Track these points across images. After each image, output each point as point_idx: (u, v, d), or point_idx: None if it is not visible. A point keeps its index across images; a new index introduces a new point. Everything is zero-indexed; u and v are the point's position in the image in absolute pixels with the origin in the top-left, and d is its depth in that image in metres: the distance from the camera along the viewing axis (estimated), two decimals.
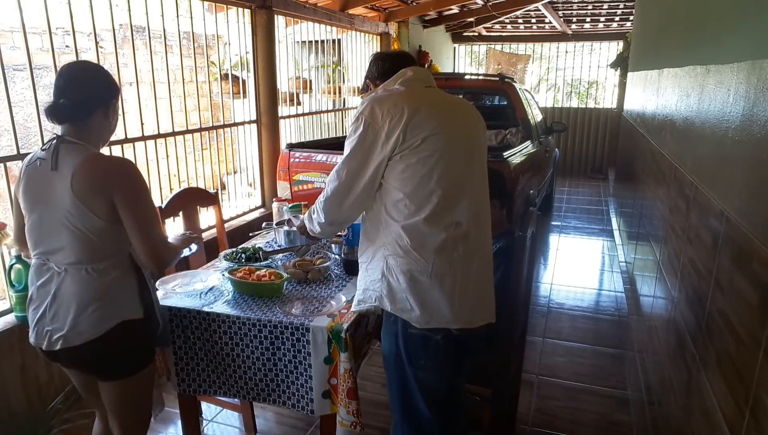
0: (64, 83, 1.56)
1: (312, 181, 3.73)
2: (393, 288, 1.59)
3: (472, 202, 1.62)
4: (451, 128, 1.60)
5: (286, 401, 1.82)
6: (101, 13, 2.95)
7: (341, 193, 1.61)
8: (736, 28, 1.61)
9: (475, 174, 1.66)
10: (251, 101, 4.54)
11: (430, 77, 1.74)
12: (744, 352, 1.18)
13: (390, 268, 1.59)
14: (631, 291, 3.60)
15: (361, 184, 1.58)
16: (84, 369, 1.70)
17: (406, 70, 1.68)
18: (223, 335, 1.82)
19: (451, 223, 1.57)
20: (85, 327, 1.55)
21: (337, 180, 1.60)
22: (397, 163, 1.55)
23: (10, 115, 2.49)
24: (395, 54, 1.83)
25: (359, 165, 1.57)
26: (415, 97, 1.59)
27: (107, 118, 1.63)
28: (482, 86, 5.35)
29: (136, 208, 1.55)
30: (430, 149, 1.54)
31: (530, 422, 2.55)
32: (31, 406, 1.89)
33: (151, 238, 1.57)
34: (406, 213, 1.56)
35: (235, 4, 4.08)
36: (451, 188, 1.57)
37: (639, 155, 3.95)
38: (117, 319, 1.58)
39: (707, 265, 1.59)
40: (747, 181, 1.32)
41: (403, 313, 1.59)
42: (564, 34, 9.46)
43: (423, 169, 1.54)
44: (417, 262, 1.55)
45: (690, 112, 2.10)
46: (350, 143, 1.59)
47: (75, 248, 1.54)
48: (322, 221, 1.69)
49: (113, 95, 1.64)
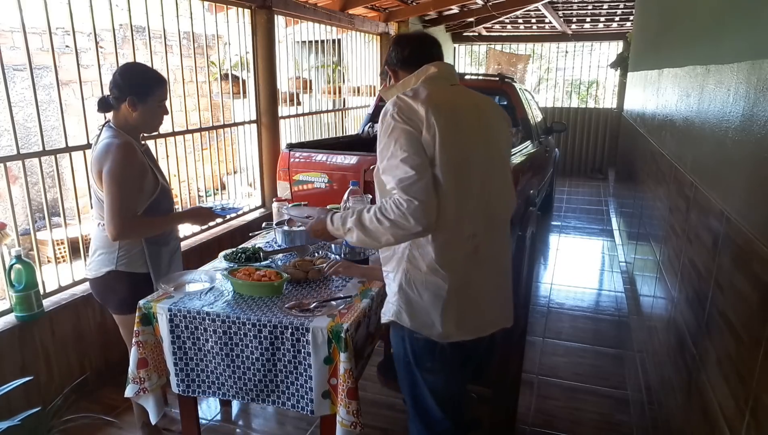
0: (110, 81, 2.01)
1: (312, 181, 3.73)
2: (413, 303, 1.54)
3: (490, 210, 1.58)
4: (474, 136, 1.55)
5: (285, 402, 1.82)
6: (101, 13, 2.95)
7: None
8: (736, 28, 1.61)
9: (497, 180, 1.61)
10: (251, 101, 4.54)
11: (454, 73, 1.67)
12: (744, 352, 1.18)
13: (411, 282, 1.54)
14: (631, 291, 3.60)
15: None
16: (96, 298, 2.21)
17: (429, 67, 1.59)
18: (222, 335, 1.82)
19: (471, 234, 1.53)
20: (92, 267, 2.10)
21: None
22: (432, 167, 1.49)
23: (10, 115, 2.49)
24: (417, 38, 1.71)
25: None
26: (438, 104, 1.49)
27: (135, 109, 1.98)
28: (482, 86, 5.34)
29: (107, 182, 1.91)
30: (452, 161, 1.48)
31: (530, 422, 2.55)
32: (31, 406, 1.89)
33: (110, 209, 1.91)
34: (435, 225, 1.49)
35: (235, 4, 4.08)
36: (473, 200, 1.53)
37: (639, 155, 3.95)
38: (110, 267, 2.04)
39: (707, 265, 1.59)
40: (747, 181, 1.32)
41: (423, 328, 1.55)
42: (564, 34, 9.45)
43: (446, 182, 1.48)
44: (444, 279, 1.51)
45: (690, 112, 2.10)
46: (385, 151, 1.49)
47: (95, 207, 2.07)
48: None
49: (134, 91, 1.96)
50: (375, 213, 1.47)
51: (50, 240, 2.85)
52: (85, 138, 2.90)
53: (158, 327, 1.90)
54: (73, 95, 4.88)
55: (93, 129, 2.97)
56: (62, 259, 3.80)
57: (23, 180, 2.61)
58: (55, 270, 2.77)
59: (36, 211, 4.62)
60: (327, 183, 3.69)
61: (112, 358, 2.88)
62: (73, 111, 4.58)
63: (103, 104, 2.02)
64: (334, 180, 3.66)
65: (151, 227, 2.08)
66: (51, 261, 2.91)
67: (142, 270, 2.09)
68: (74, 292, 2.77)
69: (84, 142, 2.89)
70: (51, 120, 4.93)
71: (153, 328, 1.91)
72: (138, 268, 2.08)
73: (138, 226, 2.02)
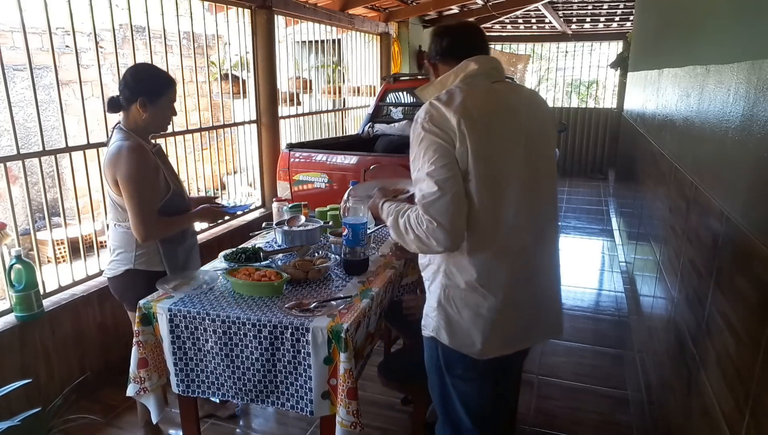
0: (120, 81, 2.02)
1: (312, 181, 3.73)
2: (452, 321, 1.47)
3: (538, 219, 1.49)
4: (513, 145, 1.43)
5: (285, 402, 1.82)
6: (101, 13, 2.95)
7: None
8: (736, 28, 1.61)
9: (542, 188, 1.51)
10: (251, 101, 4.54)
11: (497, 69, 1.51)
12: (744, 352, 1.18)
13: (450, 299, 1.47)
14: (631, 291, 3.59)
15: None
16: (114, 295, 2.23)
17: (469, 63, 1.46)
18: (222, 335, 1.81)
19: (519, 249, 1.45)
20: (111, 266, 2.15)
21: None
22: (466, 181, 1.39)
23: (10, 115, 2.49)
24: (457, 28, 1.57)
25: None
26: (472, 112, 1.38)
27: (146, 110, 1.99)
28: None
29: (126, 187, 1.94)
30: (488, 174, 1.38)
31: (530, 422, 2.55)
32: (31, 406, 1.89)
33: (134, 214, 1.96)
34: (471, 241, 1.42)
35: (235, 4, 4.08)
36: (518, 213, 1.43)
37: (639, 155, 3.95)
38: (129, 266, 2.10)
39: (707, 265, 1.58)
40: (747, 181, 1.32)
41: (462, 347, 1.48)
42: (564, 34, 9.45)
43: (482, 196, 1.39)
44: (485, 297, 1.43)
45: (690, 112, 2.10)
46: (416, 161, 1.42)
47: (109, 209, 2.11)
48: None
49: (145, 92, 1.98)
50: (407, 220, 1.43)
51: (50, 240, 2.85)
52: (85, 138, 2.90)
53: (158, 327, 1.90)
54: (73, 95, 4.88)
55: (93, 129, 2.98)
56: (62, 259, 3.80)
57: (23, 180, 2.62)
58: (55, 270, 2.77)
59: (36, 211, 4.62)
60: (327, 183, 3.69)
61: (112, 358, 2.89)
62: (73, 111, 4.58)
63: (113, 104, 2.03)
64: (334, 180, 3.66)
65: (173, 225, 2.14)
66: (51, 261, 2.91)
67: (159, 268, 2.13)
68: (74, 292, 2.77)
69: (84, 142, 2.90)
70: (51, 120, 4.93)
71: (153, 328, 1.91)
72: (155, 267, 2.13)
73: (163, 225, 2.08)
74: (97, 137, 2.99)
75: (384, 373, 2.16)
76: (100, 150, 3.00)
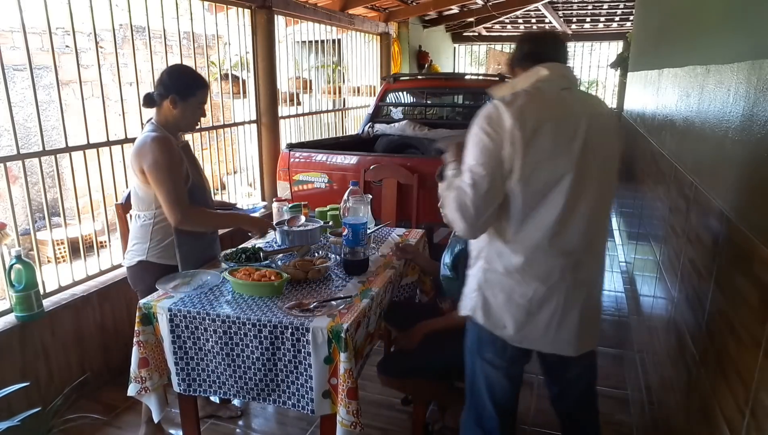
0: (157, 79, 2.14)
1: (312, 181, 3.73)
2: (489, 304, 1.58)
3: (589, 228, 1.53)
4: (566, 152, 1.48)
5: (286, 401, 1.82)
6: (101, 13, 2.95)
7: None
8: (736, 28, 1.61)
9: (596, 196, 1.54)
10: (251, 101, 4.54)
11: (568, 76, 1.57)
12: (744, 352, 1.18)
13: (489, 283, 1.58)
14: (631, 291, 3.59)
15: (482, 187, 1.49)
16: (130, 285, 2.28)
17: (541, 69, 1.53)
18: (223, 335, 1.82)
19: (567, 251, 1.50)
20: (128, 256, 2.20)
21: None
22: (510, 179, 1.48)
23: (10, 115, 2.49)
24: (538, 36, 1.69)
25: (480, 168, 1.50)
26: (528, 116, 1.45)
27: (176, 107, 2.09)
28: (482, 86, 5.34)
29: (154, 175, 2.01)
30: (533, 177, 1.46)
31: (530, 422, 2.55)
32: (31, 406, 1.89)
33: (165, 199, 2.02)
34: (512, 232, 1.51)
35: (235, 4, 4.08)
36: (562, 214, 1.48)
37: (639, 155, 3.95)
38: (142, 257, 2.14)
39: (707, 265, 1.59)
40: (747, 181, 1.32)
41: (496, 329, 1.58)
42: (564, 34, 9.45)
43: (525, 196, 1.48)
44: (519, 285, 1.52)
45: (690, 112, 2.10)
46: (466, 153, 1.52)
47: (133, 199, 2.17)
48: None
49: (177, 90, 2.08)
50: (446, 197, 1.56)
51: (50, 240, 2.85)
52: (85, 138, 2.90)
53: (158, 327, 1.90)
54: (73, 95, 4.88)
55: (93, 129, 2.98)
56: (62, 259, 3.80)
57: (23, 180, 2.61)
58: (55, 270, 2.77)
59: (36, 211, 4.62)
60: (327, 183, 3.69)
61: (111, 358, 2.89)
62: (73, 111, 4.58)
63: (147, 100, 2.14)
64: (334, 180, 3.66)
65: (213, 219, 2.22)
66: (51, 261, 2.91)
67: (173, 262, 2.15)
68: (74, 292, 2.77)
69: (84, 142, 2.90)
70: (51, 120, 4.93)
71: (153, 327, 1.92)
72: (168, 260, 2.15)
73: (198, 214, 2.13)
74: (97, 137, 2.99)
75: (384, 372, 2.16)
76: (100, 150, 3.01)
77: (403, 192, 3.42)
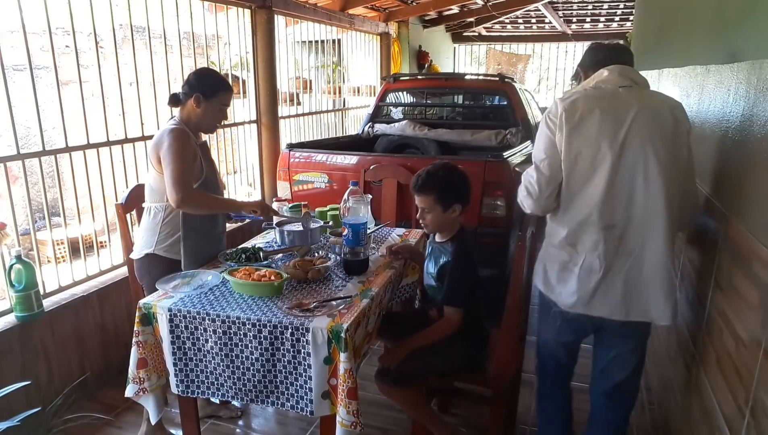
0: (184, 80, 2.24)
1: (312, 181, 3.73)
2: (547, 272, 1.83)
3: (635, 207, 1.65)
4: (612, 138, 1.63)
5: (284, 403, 1.82)
6: (101, 13, 2.95)
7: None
8: (737, 28, 1.61)
9: (643, 181, 1.63)
10: (251, 101, 4.54)
11: (631, 77, 1.73)
12: (744, 352, 1.18)
13: (548, 255, 1.84)
14: None
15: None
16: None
17: (603, 71, 1.75)
18: (222, 335, 1.81)
19: (608, 225, 1.67)
20: (136, 248, 2.24)
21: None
22: (562, 162, 1.70)
23: (10, 115, 2.49)
24: (610, 47, 1.90)
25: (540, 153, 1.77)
26: (577, 107, 1.68)
27: (198, 106, 2.16)
28: (482, 86, 5.34)
29: (166, 158, 2.06)
30: (574, 158, 1.67)
31: (530, 422, 2.55)
32: (31, 406, 1.89)
33: (170, 179, 2.03)
34: (562, 210, 1.75)
35: (235, 4, 4.08)
36: (607, 195, 1.65)
37: None
38: (149, 250, 2.17)
39: (707, 265, 1.59)
40: (747, 181, 1.32)
41: (551, 294, 1.83)
42: (564, 34, 9.45)
43: (569, 174, 1.69)
44: (570, 255, 1.75)
45: (690, 112, 2.10)
46: (536, 137, 1.81)
47: (146, 191, 2.22)
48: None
49: (202, 90, 2.15)
50: (521, 182, 1.84)
51: (50, 240, 2.85)
52: (85, 138, 2.90)
53: (158, 327, 1.90)
54: (73, 95, 4.88)
55: (93, 129, 2.98)
56: (62, 259, 3.80)
57: (23, 180, 2.61)
58: (55, 270, 2.77)
59: (36, 211, 4.62)
60: (327, 183, 3.69)
61: (111, 358, 2.89)
62: (73, 111, 4.57)
63: (173, 99, 2.23)
64: (334, 180, 3.66)
65: (211, 202, 2.23)
66: (51, 261, 2.91)
67: (179, 257, 2.17)
68: (74, 292, 2.77)
69: (84, 142, 2.90)
70: (51, 120, 4.92)
71: (153, 328, 1.91)
72: (175, 255, 2.17)
73: (199, 196, 2.15)
74: (97, 137, 2.99)
75: (381, 380, 2.12)
76: (100, 150, 3.01)
77: (403, 192, 3.41)
